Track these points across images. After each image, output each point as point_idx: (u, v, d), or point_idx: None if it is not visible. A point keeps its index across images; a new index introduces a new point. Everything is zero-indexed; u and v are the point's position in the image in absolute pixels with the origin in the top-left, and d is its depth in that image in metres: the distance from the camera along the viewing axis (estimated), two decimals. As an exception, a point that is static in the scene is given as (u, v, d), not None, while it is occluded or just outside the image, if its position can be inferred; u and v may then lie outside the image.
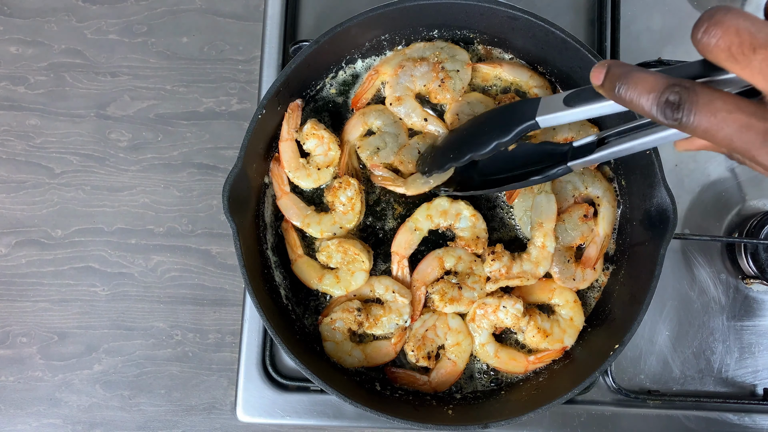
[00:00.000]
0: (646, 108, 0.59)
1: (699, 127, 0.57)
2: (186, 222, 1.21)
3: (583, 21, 1.21)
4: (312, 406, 1.11)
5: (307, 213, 1.06)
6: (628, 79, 0.61)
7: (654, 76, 0.59)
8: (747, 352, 1.15)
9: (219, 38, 1.25)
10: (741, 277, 1.16)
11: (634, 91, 0.60)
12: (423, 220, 1.05)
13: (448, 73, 1.06)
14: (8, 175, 1.22)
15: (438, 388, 1.04)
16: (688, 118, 0.57)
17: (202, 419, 1.18)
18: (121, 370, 1.19)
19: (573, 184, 1.07)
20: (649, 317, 1.12)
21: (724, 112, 0.55)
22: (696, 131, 0.57)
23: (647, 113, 0.60)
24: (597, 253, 1.05)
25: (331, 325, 1.03)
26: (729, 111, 0.55)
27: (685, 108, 0.57)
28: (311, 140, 1.05)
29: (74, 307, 1.20)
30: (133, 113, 1.23)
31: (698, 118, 0.56)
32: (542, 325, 1.03)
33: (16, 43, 1.25)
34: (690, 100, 0.56)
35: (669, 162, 1.16)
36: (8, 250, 1.21)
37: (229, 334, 1.19)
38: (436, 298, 1.03)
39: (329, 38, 0.97)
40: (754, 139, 0.55)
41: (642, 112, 0.61)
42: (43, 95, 1.24)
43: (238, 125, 1.23)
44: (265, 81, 1.16)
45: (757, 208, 1.17)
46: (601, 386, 1.12)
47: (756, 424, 1.12)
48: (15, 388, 1.19)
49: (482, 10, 0.99)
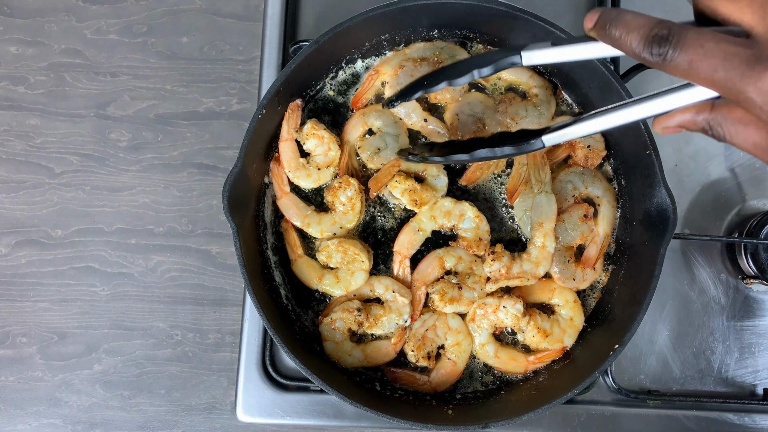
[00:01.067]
0: (633, 44, 0.60)
1: (683, 60, 0.57)
2: (186, 222, 1.21)
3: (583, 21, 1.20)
4: (312, 406, 1.11)
5: (307, 213, 1.06)
6: (619, 19, 0.62)
7: (645, 16, 0.60)
8: (747, 352, 1.15)
9: (219, 38, 1.25)
10: (741, 277, 1.16)
11: (625, 28, 0.61)
12: (426, 221, 1.05)
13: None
14: (8, 175, 1.22)
15: (438, 388, 1.04)
16: (674, 51, 0.57)
17: (202, 419, 1.18)
18: (121, 370, 1.19)
19: (573, 184, 1.07)
20: (649, 317, 1.12)
21: (711, 42, 0.56)
22: (679, 65, 0.57)
23: (633, 50, 0.60)
24: (597, 253, 1.05)
25: (331, 325, 1.03)
26: (716, 41, 0.56)
27: (671, 41, 0.57)
28: (311, 140, 1.05)
29: (74, 307, 1.20)
30: (133, 113, 1.23)
31: (684, 50, 0.57)
32: (542, 325, 1.03)
33: (16, 43, 1.25)
34: (678, 33, 0.57)
35: (669, 162, 1.16)
36: (8, 250, 1.21)
37: (229, 334, 1.19)
38: (436, 298, 1.03)
39: (329, 38, 0.97)
40: (737, 66, 0.55)
41: (628, 50, 0.61)
42: (43, 95, 1.24)
43: (238, 125, 1.23)
44: (265, 81, 1.16)
45: (757, 208, 1.17)
46: (601, 386, 1.12)
47: (756, 424, 1.12)
48: (15, 388, 1.19)
49: (482, 10, 0.99)
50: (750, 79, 0.54)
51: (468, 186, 1.09)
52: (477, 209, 1.05)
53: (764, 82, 0.54)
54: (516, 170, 1.06)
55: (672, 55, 0.57)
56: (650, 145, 0.95)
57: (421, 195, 1.03)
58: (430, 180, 1.06)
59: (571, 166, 1.08)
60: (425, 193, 1.04)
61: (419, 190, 1.03)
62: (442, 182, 1.06)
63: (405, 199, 1.04)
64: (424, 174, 1.07)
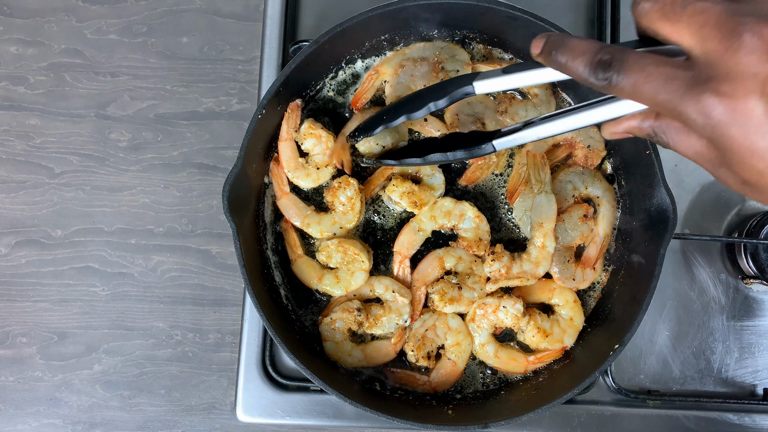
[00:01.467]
0: (579, 69, 0.63)
1: (627, 83, 0.59)
2: (186, 222, 1.21)
3: (583, 21, 1.21)
4: (312, 406, 1.11)
5: (307, 213, 1.06)
6: (564, 45, 0.64)
7: (588, 41, 0.63)
8: (747, 352, 1.15)
9: (219, 38, 1.25)
10: (741, 277, 1.16)
11: (570, 54, 0.64)
12: (427, 221, 1.05)
13: (448, 73, 1.06)
14: (8, 175, 1.22)
15: (438, 388, 1.04)
16: (618, 75, 0.60)
17: (202, 419, 1.18)
18: (121, 370, 1.19)
19: (573, 184, 1.07)
20: (649, 317, 1.12)
21: (652, 66, 0.58)
22: (624, 88, 0.60)
23: (579, 75, 0.63)
24: (597, 253, 1.05)
25: (331, 325, 1.03)
26: (656, 65, 0.58)
27: (615, 66, 0.60)
28: (309, 140, 1.05)
29: (74, 307, 1.20)
30: (133, 113, 1.23)
31: (627, 74, 0.59)
32: (542, 325, 1.03)
33: (16, 43, 1.25)
34: (621, 58, 0.60)
35: (669, 162, 1.16)
36: (8, 250, 1.21)
37: (229, 334, 1.19)
38: (436, 298, 1.03)
39: (329, 38, 0.97)
40: (677, 88, 0.57)
41: (575, 75, 0.64)
42: (43, 95, 1.24)
43: (238, 125, 1.23)
44: (265, 81, 1.16)
45: (757, 208, 1.17)
46: (601, 386, 1.12)
47: (756, 424, 1.12)
48: (15, 388, 1.19)
49: (482, 10, 0.99)
50: (690, 101, 0.56)
51: (468, 186, 1.09)
52: (477, 209, 1.05)
53: (703, 105, 0.56)
54: (516, 170, 1.07)
55: (617, 80, 0.60)
56: (650, 145, 0.95)
57: (420, 196, 1.03)
58: (426, 180, 1.06)
59: (571, 166, 1.09)
60: (424, 193, 1.04)
61: (417, 191, 1.03)
62: (438, 180, 1.06)
63: (404, 202, 1.04)
64: (419, 175, 1.07)
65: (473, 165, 1.07)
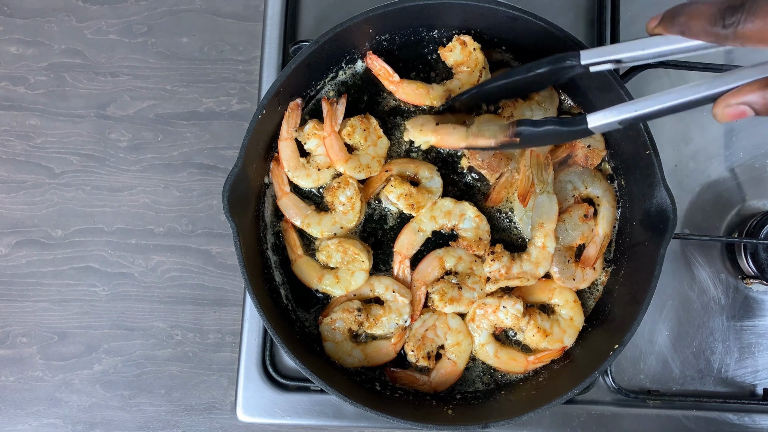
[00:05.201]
0: (702, 23, 0.64)
1: (756, 27, 0.60)
2: (186, 222, 1.21)
3: (583, 21, 1.21)
4: (312, 406, 1.11)
5: (307, 213, 1.06)
6: (684, 7, 0.67)
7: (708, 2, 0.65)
8: (747, 352, 1.15)
9: (219, 38, 1.25)
10: (741, 277, 1.16)
11: (692, 13, 0.66)
12: (427, 221, 1.05)
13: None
14: (8, 175, 1.22)
15: (438, 388, 1.04)
16: (746, 18, 0.60)
17: (202, 419, 1.18)
18: (121, 370, 1.19)
19: (573, 184, 1.07)
20: (649, 317, 1.13)
21: None
22: (752, 30, 0.60)
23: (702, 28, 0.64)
24: (597, 253, 1.05)
25: (331, 325, 1.03)
26: None
27: (746, 6, 0.61)
28: (312, 140, 1.05)
29: (74, 307, 1.20)
30: (133, 113, 1.23)
31: (758, 16, 0.60)
32: (542, 324, 1.03)
33: (16, 43, 1.25)
34: (751, 1, 0.61)
35: (669, 162, 1.16)
36: (8, 250, 1.21)
37: (229, 334, 1.19)
38: (436, 298, 1.03)
39: (329, 38, 0.97)
40: None
41: (697, 30, 0.65)
42: (43, 95, 1.24)
43: (238, 125, 1.23)
44: (265, 81, 1.16)
45: (757, 208, 1.17)
46: (601, 386, 1.12)
47: (756, 424, 1.12)
48: (15, 388, 1.19)
49: (482, 10, 0.99)
50: None
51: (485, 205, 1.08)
52: (477, 209, 1.05)
53: None
54: (524, 173, 1.06)
55: (744, 24, 0.61)
56: (650, 145, 0.95)
57: (417, 199, 1.03)
58: (424, 182, 1.06)
59: (571, 165, 1.08)
60: (421, 196, 1.04)
61: (415, 194, 1.03)
62: (436, 183, 1.06)
63: (402, 204, 1.04)
64: (417, 177, 1.07)
65: (498, 186, 1.07)
